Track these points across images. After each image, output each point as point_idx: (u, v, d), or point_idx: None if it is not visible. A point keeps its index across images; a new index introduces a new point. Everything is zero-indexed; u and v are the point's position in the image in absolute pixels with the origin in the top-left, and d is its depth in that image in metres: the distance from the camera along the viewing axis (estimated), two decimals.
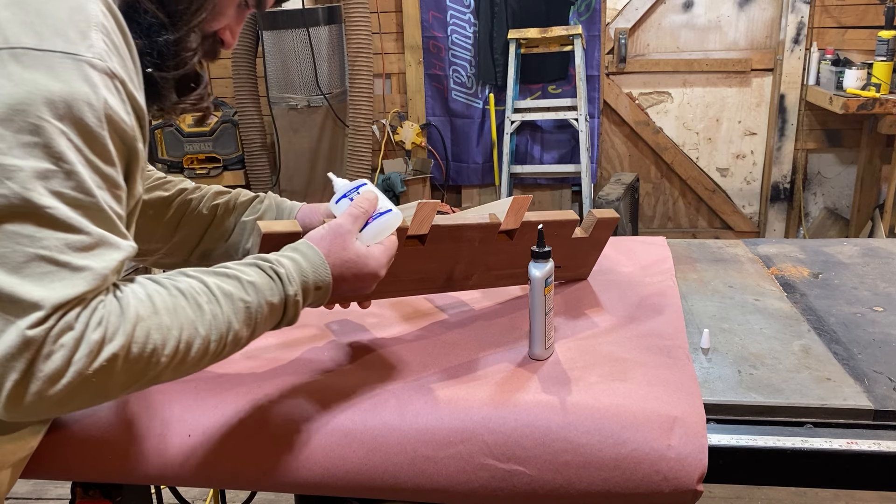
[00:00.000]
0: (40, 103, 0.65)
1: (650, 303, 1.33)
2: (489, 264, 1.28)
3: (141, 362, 0.70)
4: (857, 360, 1.14)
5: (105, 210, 0.70)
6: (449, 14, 3.93)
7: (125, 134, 0.74)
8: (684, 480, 0.91)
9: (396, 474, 0.96)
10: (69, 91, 0.67)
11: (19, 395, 0.65)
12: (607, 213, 1.36)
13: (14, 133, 0.64)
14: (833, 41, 3.68)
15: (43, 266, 0.65)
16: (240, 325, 0.79)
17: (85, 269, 0.67)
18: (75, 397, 0.67)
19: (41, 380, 0.65)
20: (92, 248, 0.68)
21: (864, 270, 1.54)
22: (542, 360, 1.11)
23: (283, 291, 0.84)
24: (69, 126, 0.67)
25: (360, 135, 3.83)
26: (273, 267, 0.85)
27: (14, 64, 0.65)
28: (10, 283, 0.64)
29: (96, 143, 0.70)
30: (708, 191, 4.06)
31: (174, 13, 0.86)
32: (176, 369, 0.74)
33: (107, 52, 0.72)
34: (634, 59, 3.94)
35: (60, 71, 0.67)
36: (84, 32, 0.70)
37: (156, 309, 0.72)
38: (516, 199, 1.20)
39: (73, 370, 0.65)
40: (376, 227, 0.99)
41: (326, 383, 1.06)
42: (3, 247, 0.64)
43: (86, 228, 0.68)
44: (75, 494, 1.12)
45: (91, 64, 0.69)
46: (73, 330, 0.66)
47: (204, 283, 0.78)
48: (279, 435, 0.99)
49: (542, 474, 0.94)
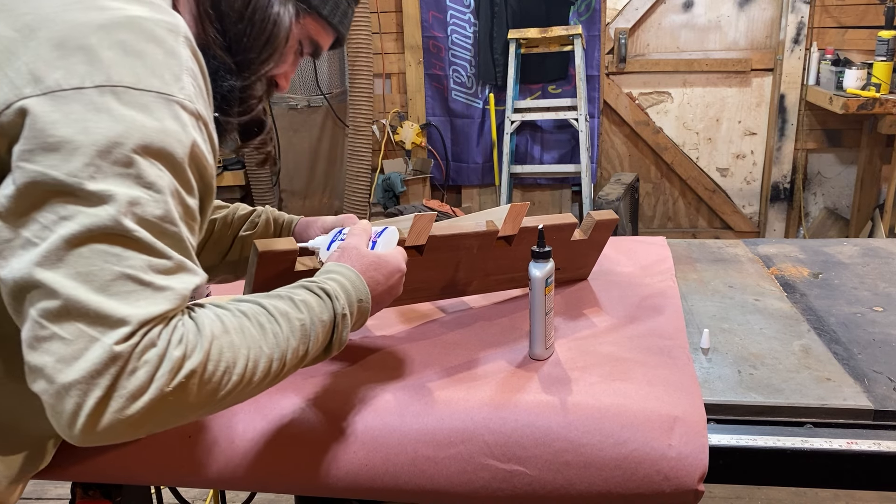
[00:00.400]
0: (136, 138, 0.69)
1: (650, 303, 1.33)
2: (488, 270, 1.28)
3: (213, 381, 0.71)
4: (857, 360, 1.14)
5: (185, 240, 0.74)
6: (449, 14, 3.93)
7: (206, 171, 0.78)
8: (685, 480, 0.91)
9: (397, 475, 0.97)
10: (162, 128, 0.71)
11: (98, 415, 0.66)
12: (606, 214, 1.36)
13: (111, 164, 0.68)
14: (833, 41, 3.68)
15: (128, 284, 0.67)
16: (297, 344, 0.81)
17: (167, 288, 0.70)
18: (151, 418, 0.68)
19: (123, 397, 0.66)
20: (173, 272, 0.71)
21: (864, 270, 1.54)
22: (543, 360, 1.12)
23: (332, 308, 0.86)
24: (160, 160, 0.71)
25: (360, 135, 3.83)
26: (320, 286, 0.87)
27: (114, 100, 0.70)
28: (97, 300, 0.66)
29: (183, 178, 0.74)
30: (708, 191, 4.06)
31: (243, 62, 0.92)
32: (242, 391, 0.75)
33: (195, 95, 0.77)
34: (634, 59, 3.94)
35: (155, 109, 0.71)
36: (177, 75, 0.74)
37: (226, 328, 0.74)
38: (514, 207, 1.20)
39: (154, 387, 0.67)
40: (382, 242, 1.02)
41: (327, 384, 1.07)
42: (92, 265, 0.67)
43: (168, 254, 0.71)
44: (75, 494, 1.12)
45: (182, 105, 0.74)
46: (157, 346, 0.67)
47: (261, 304, 0.80)
48: (279, 436, 1.00)
49: (542, 474, 0.94)
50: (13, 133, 0.69)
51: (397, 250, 1.02)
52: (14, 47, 0.71)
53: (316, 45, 1.01)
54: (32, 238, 0.67)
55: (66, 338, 0.66)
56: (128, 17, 0.73)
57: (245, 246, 1.21)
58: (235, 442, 0.99)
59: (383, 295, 0.98)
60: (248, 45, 0.92)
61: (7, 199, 0.68)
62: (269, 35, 0.92)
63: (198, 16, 0.88)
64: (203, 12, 0.89)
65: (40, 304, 0.66)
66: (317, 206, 4.29)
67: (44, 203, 0.67)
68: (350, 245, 0.98)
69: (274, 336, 0.78)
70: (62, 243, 0.66)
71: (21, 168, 0.68)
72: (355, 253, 0.97)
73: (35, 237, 0.67)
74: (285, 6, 0.93)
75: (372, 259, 0.97)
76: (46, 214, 0.67)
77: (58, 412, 0.66)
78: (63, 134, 0.68)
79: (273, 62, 0.95)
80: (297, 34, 0.97)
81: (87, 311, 0.66)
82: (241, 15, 0.90)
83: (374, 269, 0.96)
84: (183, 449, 1.00)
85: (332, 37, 1.02)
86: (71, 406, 0.65)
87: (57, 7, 0.73)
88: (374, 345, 1.20)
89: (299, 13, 0.95)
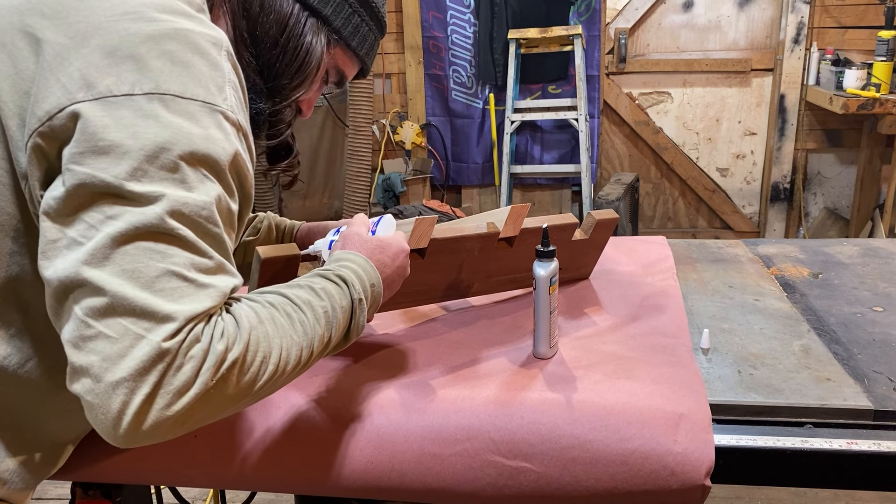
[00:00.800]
0: (183, 144, 0.72)
1: (652, 301, 1.33)
2: (490, 272, 1.28)
3: (252, 372, 0.73)
4: (857, 360, 1.14)
5: (225, 242, 0.76)
6: (449, 14, 3.94)
7: (246, 180, 0.81)
8: (692, 475, 0.91)
9: (403, 472, 0.97)
10: (207, 136, 0.74)
11: (144, 413, 0.66)
12: (606, 213, 1.37)
13: (158, 168, 0.70)
14: (833, 41, 3.69)
15: (173, 281, 0.69)
16: (322, 331, 0.82)
17: (210, 286, 0.71)
18: (193, 414, 0.69)
19: (170, 393, 0.67)
20: (214, 271, 0.73)
21: (864, 270, 1.54)
22: (547, 359, 1.12)
23: (349, 294, 0.87)
24: (205, 166, 0.74)
25: (360, 135, 3.83)
26: (336, 273, 0.88)
27: (162, 108, 0.72)
28: (143, 296, 0.67)
29: (225, 183, 0.76)
30: (708, 191, 4.06)
31: (275, 87, 0.95)
32: (276, 381, 0.76)
33: (237, 107, 0.79)
34: (634, 59, 3.95)
35: (200, 118, 0.74)
36: (220, 86, 0.77)
37: (260, 319, 0.75)
38: (514, 208, 1.21)
39: (199, 382, 0.68)
40: (381, 229, 1.03)
41: (331, 383, 1.07)
42: (138, 261, 0.68)
43: (210, 253, 0.73)
44: (75, 494, 1.12)
45: (225, 115, 0.76)
46: (201, 342, 0.68)
47: (284, 295, 0.81)
48: (284, 435, 1.00)
49: (548, 471, 0.94)
50: (65, 136, 0.71)
51: (397, 233, 1.03)
52: (66, 53, 0.73)
53: (342, 75, 1.05)
54: (79, 238, 0.69)
55: (112, 336, 0.66)
56: (176, 29, 0.76)
57: (248, 251, 1.22)
58: (239, 441, 1.00)
59: (392, 276, 0.99)
60: (280, 71, 0.95)
61: (56, 200, 0.70)
62: (302, 63, 0.95)
63: (234, 39, 0.91)
64: (239, 35, 0.92)
65: (86, 301, 0.67)
66: (317, 206, 4.30)
67: (91, 204, 0.69)
68: (351, 232, 0.99)
69: (301, 325, 0.79)
70: (109, 241, 0.68)
71: (71, 170, 0.69)
72: (357, 238, 0.98)
73: (81, 237, 0.68)
74: (317, 36, 0.96)
75: (375, 243, 0.98)
76: (94, 214, 0.69)
77: (103, 412, 0.66)
78: (113, 138, 0.70)
79: (303, 89, 0.98)
80: (327, 63, 1.00)
81: (133, 307, 0.66)
82: (276, 41, 0.93)
83: (380, 251, 0.97)
84: (184, 448, 1.00)
85: (357, 67, 1.06)
86: (117, 405, 0.66)
87: (109, 16, 0.75)
88: (378, 343, 1.20)
89: (330, 43, 0.98)
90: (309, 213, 4.24)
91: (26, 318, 0.81)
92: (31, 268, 0.79)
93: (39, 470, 0.89)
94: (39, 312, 0.77)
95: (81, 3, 0.76)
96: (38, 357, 0.82)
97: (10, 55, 0.75)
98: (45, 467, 0.90)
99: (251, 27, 0.92)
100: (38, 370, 0.83)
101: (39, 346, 0.82)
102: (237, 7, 0.92)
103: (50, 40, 0.74)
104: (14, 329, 0.80)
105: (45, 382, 0.83)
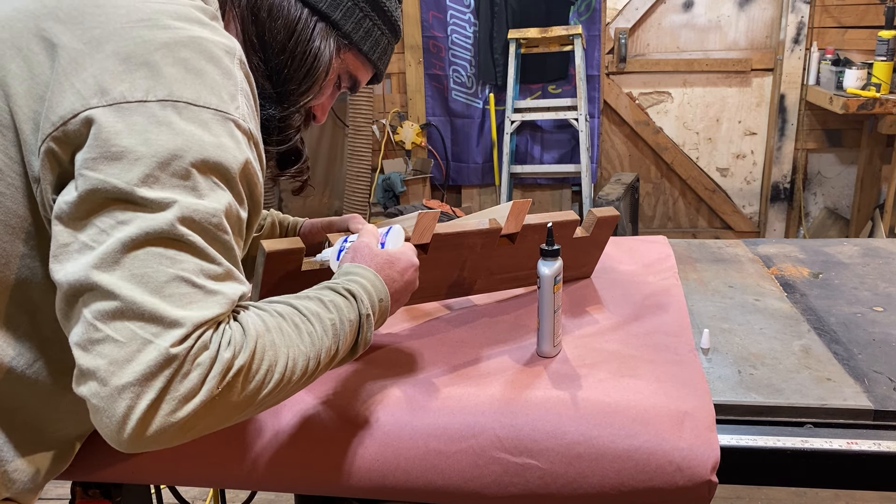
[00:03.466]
0: (195, 152, 0.72)
1: (654, 300, 1.33)
2: (492, 269, 1.28)
3: (257, 380, 0.73)
4: (857, 360, 1.14)
5: (234, 249, 0.76)
6: (449, 14, 3.93)
7: (255, 189, 0.81)
8: (698, 470, 0.91)
9: (408, 470, 0.97)
10: (219, 144, 0.74)
11: (149, 418, 0.66)
12: (607, 211, 1.37)
13: (170, 175, 0.71)
14: (833, 41, 3.69)
15: (182, 287, 0.69)
16: (330, 343, 0.82)
17: (218, 293, 0.71)
18: (198, 422, 0.69)
19: (175, 399, 0.67)
20: (222, 278, 0.73)
21: (864, 270, 1.54)
22: (550, 358, 1.12)
23: (357, 309, 0.87)
24: (216, 174, 0.74)
25: (360, 135, 3.83)
26: (344, 286, 0.88)
27: (175, 115, 0.72)
28: (151, 301, 0.67)
29: (235, 191, 0.77)
30: (708, 191, 4.06)
31: (283, 92, 0.95)
32: (281, 390, 0.76)
33: (248, 115, 0.80)
34: (634, 58, 3.95)
35: (212, 126, 0.74)
36: (233, 95, 0.78)
37: (268, 328, 0.75)
38: (516, 204, 1.20)
39: (205, 389, 0.68)
40: (391, 241, 1.03)
41: (335, 382, 1.07)
42: (147, 266, 0.68)
43: (219, 260, 0.73)
44: (75, 494, 1.12)
45: (237, 123, 0.77)
46: (209, 349, 0.69)
47: (293, 305, 0.81)
48: (288, 433, 1.00)
49: (554, 467, 0.94)
50: (78, 142, 0.71)
51: (406, 246, 1.03)
52: (81, 59, 0.73)
53: (354, 80, 1.04)
54: (90, 242, 0.69)
55: (120, 340, 0.66)
56: (190, 37, 0.76)
57: (252, 247, 1.21)
58: (241, 440, 1.00)
59: (401, 292, 0.99)
60: (288, 76, 0.95)
61: (68, 204, 0.70)
62: (310, 68, 0.95)
63: (243, 43, 0.91)
64: (248, 40, 0.92)
65: (95, 305, 0.67)
66: (317, 205, 4.30)
67: (103, 209, 0.69)
68: (362, 244, 0.99)
69: (309, 335, 0.79)
70: (119, 246, 0.68)
71: (83, 175, 0.70)
72: (367, 252, 0.97)
73: (92, 241, 0.69)
74: (326, 41, 0.96)
75: (385, 257, 0.97)
76: (105, 219, 0.69)
77: (108, 416, 0.66)
78: (126, 144, 0.70)
79: (312, 94, 0.98)
80: (337, 68, 1.00)
81: (142, 312, 0.67)
82: (284, 47, 0.93)
83: (389, 266, 0.97)
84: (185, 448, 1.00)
85: (370, 72, 1.05)
86: (122, 409, 0.65)
87: (124, 23, 0.75)
88: (381, 342, 1.20)
89: (340, 48, 0.98)
90: (309, 213, 4.24)
91: (35, 320, 0.81)
92: (40, 270, 0.79)
93: (49, 469, 0.89)
94: (48, 315, 0.77)
95: (97, 9, 0.76)
96: (45, 358, 0.83)
97: (26, 59, 0.76)
98: (53, 467, 0.90)
99: (259, 32, 0.92)
100: (46, 371, 0.83)
101: (47, 348, 0.82)
102: (246, 12, 0.92)
103: (65, 45, 0.74)
104: (22, 330, 0.81)
105: (53, 383, 0.84)
